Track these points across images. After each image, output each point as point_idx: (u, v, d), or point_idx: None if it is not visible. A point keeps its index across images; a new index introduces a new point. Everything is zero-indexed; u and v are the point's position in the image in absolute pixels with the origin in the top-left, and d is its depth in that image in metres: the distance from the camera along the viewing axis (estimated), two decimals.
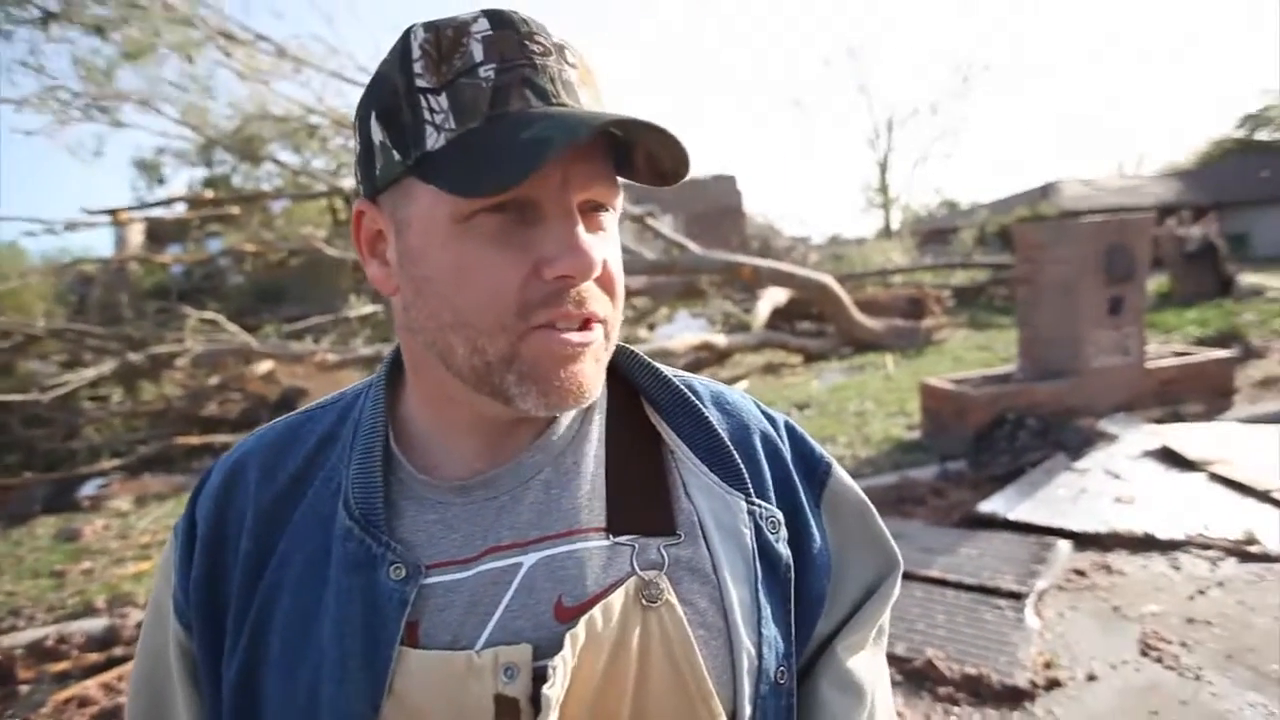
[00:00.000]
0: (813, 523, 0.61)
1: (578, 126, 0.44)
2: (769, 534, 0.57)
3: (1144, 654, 2.45)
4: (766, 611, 0.55)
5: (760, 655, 0.54)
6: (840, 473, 0.65)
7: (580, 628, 0.49)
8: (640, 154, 0.51)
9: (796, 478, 0.62)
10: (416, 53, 0.48)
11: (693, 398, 0.61)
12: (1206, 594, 2.79)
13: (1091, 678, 2.35)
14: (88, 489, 5.96)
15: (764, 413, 0.65)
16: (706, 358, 8.69)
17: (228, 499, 0.57)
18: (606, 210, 0.52)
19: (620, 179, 0.53)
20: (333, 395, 0.63)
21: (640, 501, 0.55)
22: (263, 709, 0.52)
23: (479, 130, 0.47)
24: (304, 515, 0.54)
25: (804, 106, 49.37)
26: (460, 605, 0.51)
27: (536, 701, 0.48)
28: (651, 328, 10.74)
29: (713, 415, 0.60)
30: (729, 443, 0.59)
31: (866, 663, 0.61)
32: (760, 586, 0.55)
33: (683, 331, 10.01)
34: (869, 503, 0.66)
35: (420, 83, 0.47)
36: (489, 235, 0.48)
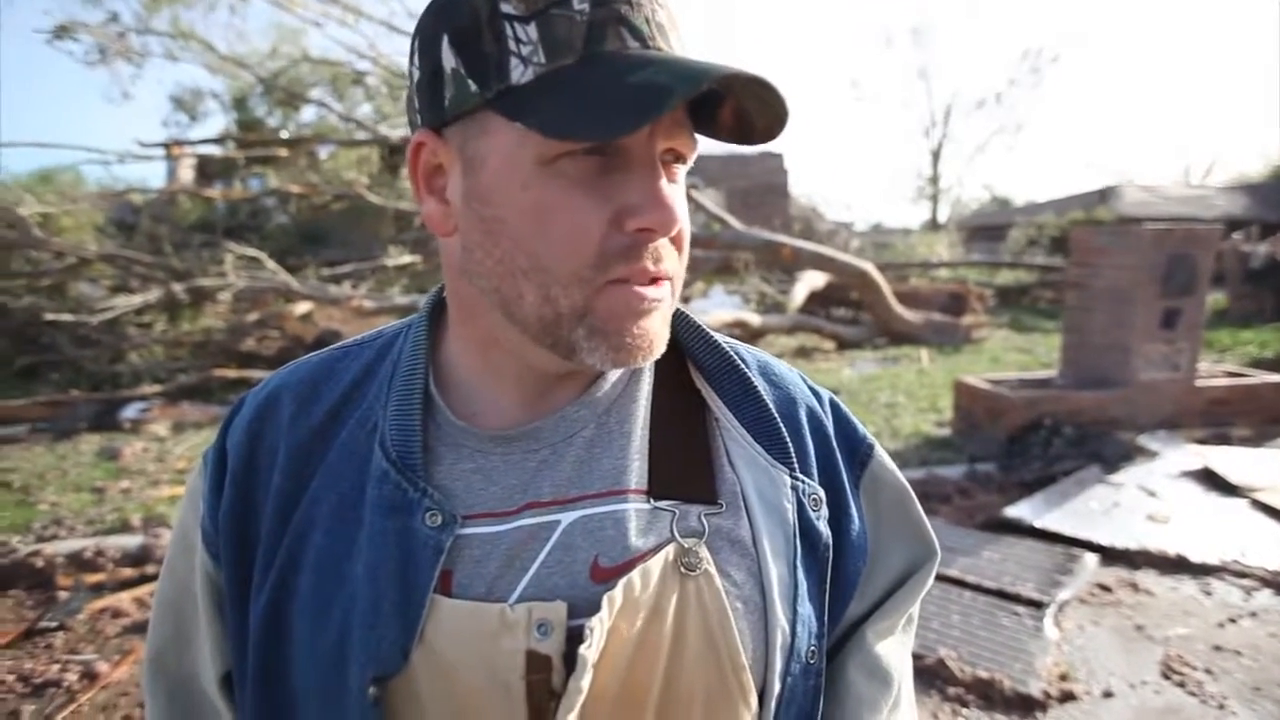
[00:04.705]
0: (852, 503, 0.60)
1: (697, 75, 0.41)
2: (810, 511, 0.56)
3: (1165, 677, 2.40)
4: (803, 589, 0.54)
5: (794, 633, 0.53)
6: (882, 455, 0.63)
7: (618, 590, 0.47)
8: (728, 109, 0.48)
9: (839, 456, 0.60)
10: None
11: (742, 365, 0.59)
12: (1238, 623, 2.71)
13: (1108, 694, 2.30)
14: (129, 411, 6.17)
15: (810, 387, 0.63)
16: (739, 336, 8.59)
17: (260, 431, 0.56)
18: (683, 162, 0.49)
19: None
20: (371, 333, 0.61)
21: (683, 467, 0.54)
22: (290, 646, 0.51)
23: (572, 68, 0.43)
24: (338, 453, 0.53)
25: (860, 88, 47.88)
26: (496, 558, 0.49)
27: (568, 660, 0.47)
28: (686, 301, 10.67)
29: (760, 385, 0.58)
30: (776, 415, 0.57)
31: (895, 650, 0.60)
32: (799, 563, 0.54)
33: (717, 308, 9.93)
34: (909, 489, 0.64)
35: (506, 8, 0.44)
36: (574, 179, 0.45)
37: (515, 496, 0.51)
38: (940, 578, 3.00)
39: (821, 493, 0.57)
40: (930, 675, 2.40)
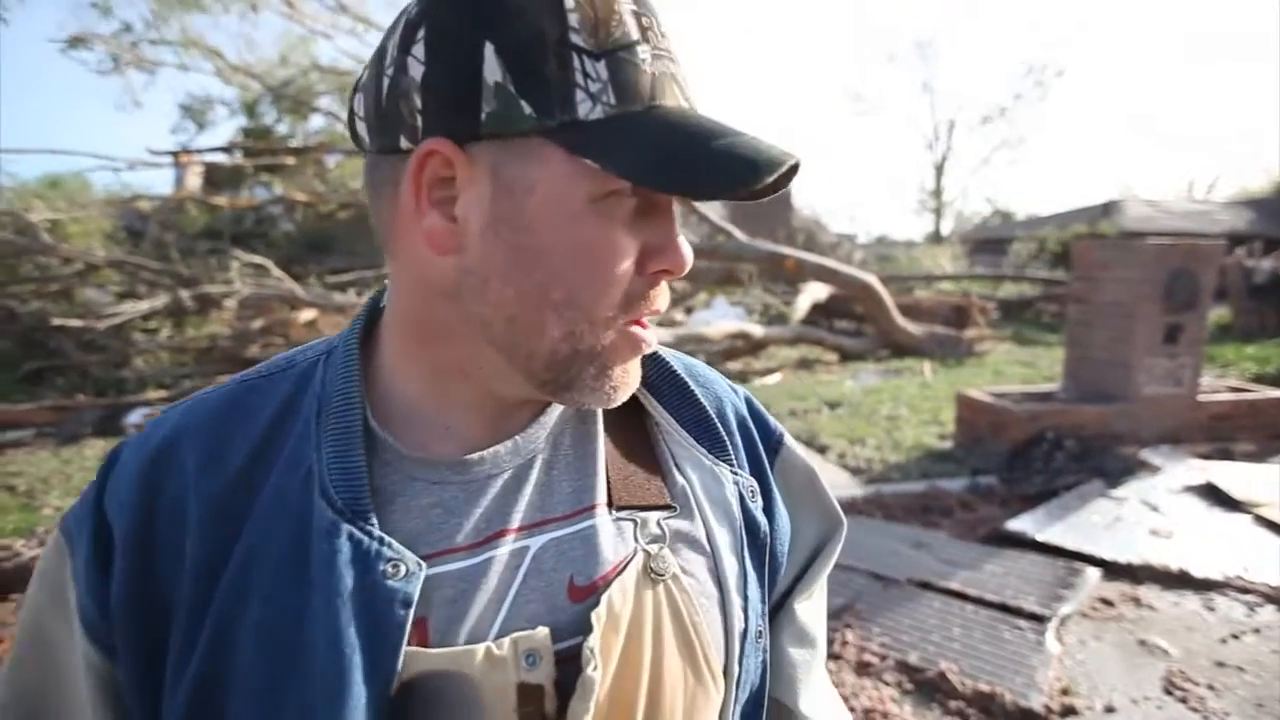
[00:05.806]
0: (775, 490, 0.64)
1: (775, 160, 0.43)
2: (750, 503, 0.59)
3: (1168, 692, 2.39)
4: (751, 577, 0.58)
5: (747, 618, 0.57)
6: (791, 442, 0.68)
7: (603, 607, 0.48)
8: None
9: (760, 447, 0.64)
10: (571, 2, 0.43)
11: (678, 370, 0.62)
12: (1240, 639, 2.70)
13: (1110, 709, 2.30)
14: (134, 417, 6.19)
15: (729, 385, 0.68)
16: (741, 347, 8.63)
17: (156, 489, 0.47)
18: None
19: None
20: (279, 360, 0.55)
21: (637, 476, 0.56)
22: None
23: (642, 116, 0.44)
24: (268, 505, 0.46)
25: (863, 100, 48.08)
26: (470, 595, 0.48)
27: (559, 685, 0.47)
28: (689, 311, 10.70)
29: (694, 387, 0.62)
30: (713, 414, 0.60)
31: (814, 614, 0.67)
32: (746, 553, 0.58)
33: (720, 319, 9.94)
34: (815, 469, 0.69)
35: (575, 39, 0.43)
36: (619, 219, 0.46)
37: (481, 527, 0.49)
38: (942, 590, 3.00)
39: (755, 484, 0.61)
40: (931, 688, 2.39)
